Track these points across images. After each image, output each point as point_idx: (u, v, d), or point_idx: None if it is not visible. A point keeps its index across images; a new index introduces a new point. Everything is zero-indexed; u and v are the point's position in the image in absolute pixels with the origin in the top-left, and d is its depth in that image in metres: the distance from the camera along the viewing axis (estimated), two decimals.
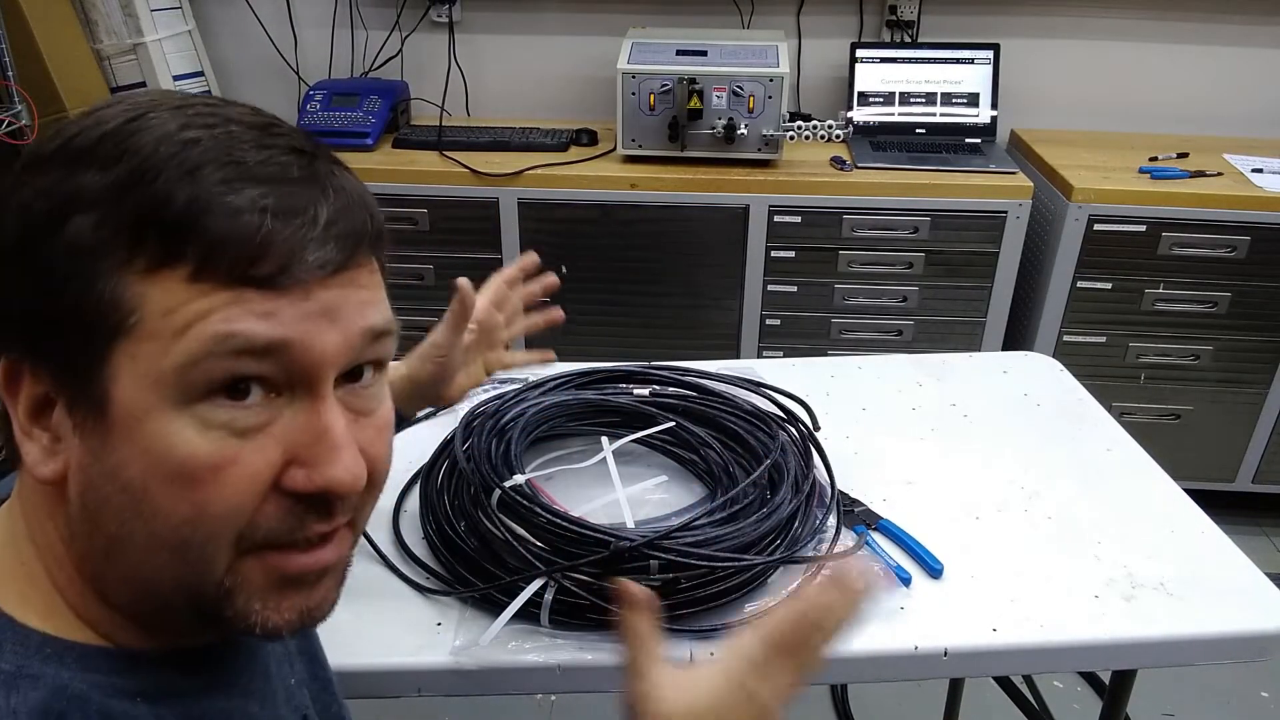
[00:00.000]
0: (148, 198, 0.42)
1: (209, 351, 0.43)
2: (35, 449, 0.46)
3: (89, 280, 0.43)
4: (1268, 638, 0.93)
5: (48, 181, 0.44)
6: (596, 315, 2.35)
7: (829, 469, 1.08)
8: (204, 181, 0.42)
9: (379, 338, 0.49)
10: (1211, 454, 2.39)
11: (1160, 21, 2.48)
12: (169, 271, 0.43)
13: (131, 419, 0.43)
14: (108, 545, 0.46)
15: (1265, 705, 1.98)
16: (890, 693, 1.95)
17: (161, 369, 0.43)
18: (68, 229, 0.43)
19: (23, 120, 1.92)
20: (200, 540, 0.45)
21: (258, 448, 0.45)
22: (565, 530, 0.90)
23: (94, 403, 0.44)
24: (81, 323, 0.43)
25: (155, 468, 0.44)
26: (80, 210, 0.43)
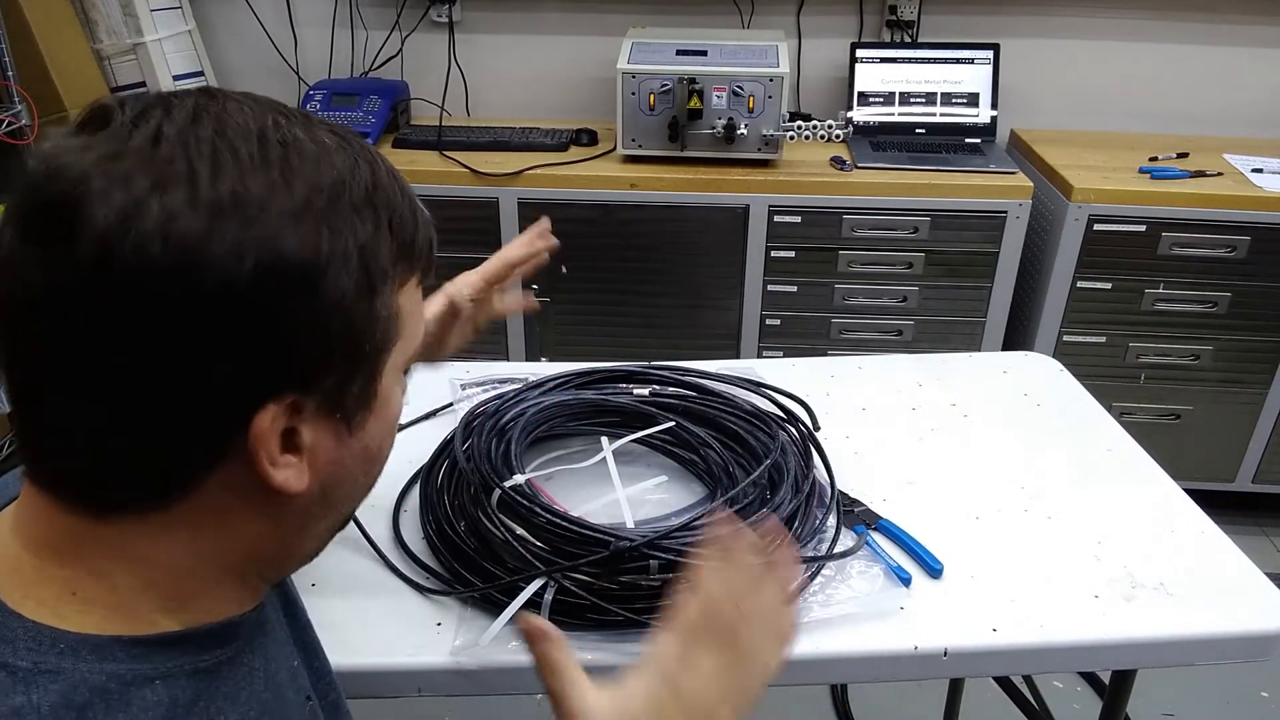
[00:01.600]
0: (396, 228, 0.52)
1: (418, 337, 0.56)
2: (289, 473, 0.50)
3: (376, 309, 0.51)
4: (1268, 638, 0.93)
5: (343, 239, 0.48)
6: (596, 315, 2.35)
7: (829, 469, 1.08)
8: (410, 207, 0.54)
9: None
10: (1211, 454, 2.39)
11: (1160, 21, 2.49)
12: (410, 281, 0.54)
13: (384, 401, 0.54)
14: (322, 513, 0.55)
15: (1265, 705, 1.98)
16: (890, 693, 1.95)
17: (407, 355, 0.55)
18: (372, 268, 0.50)
19: (23, 120, 1.93)
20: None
21: None
22: (565, 530, 0.90)
23: (367, 400, 0.53)
24: (369, 335, 0.51)
25: (388, 429, 0.56)
26: (371, 254, 0.50)
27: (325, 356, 0.48)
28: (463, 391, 1.29)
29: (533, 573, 0.89)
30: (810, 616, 0.92)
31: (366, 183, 0.50)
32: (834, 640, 0.90)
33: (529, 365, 1.37)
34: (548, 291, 2.32)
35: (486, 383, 1.31)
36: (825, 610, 0.93)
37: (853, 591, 0.95)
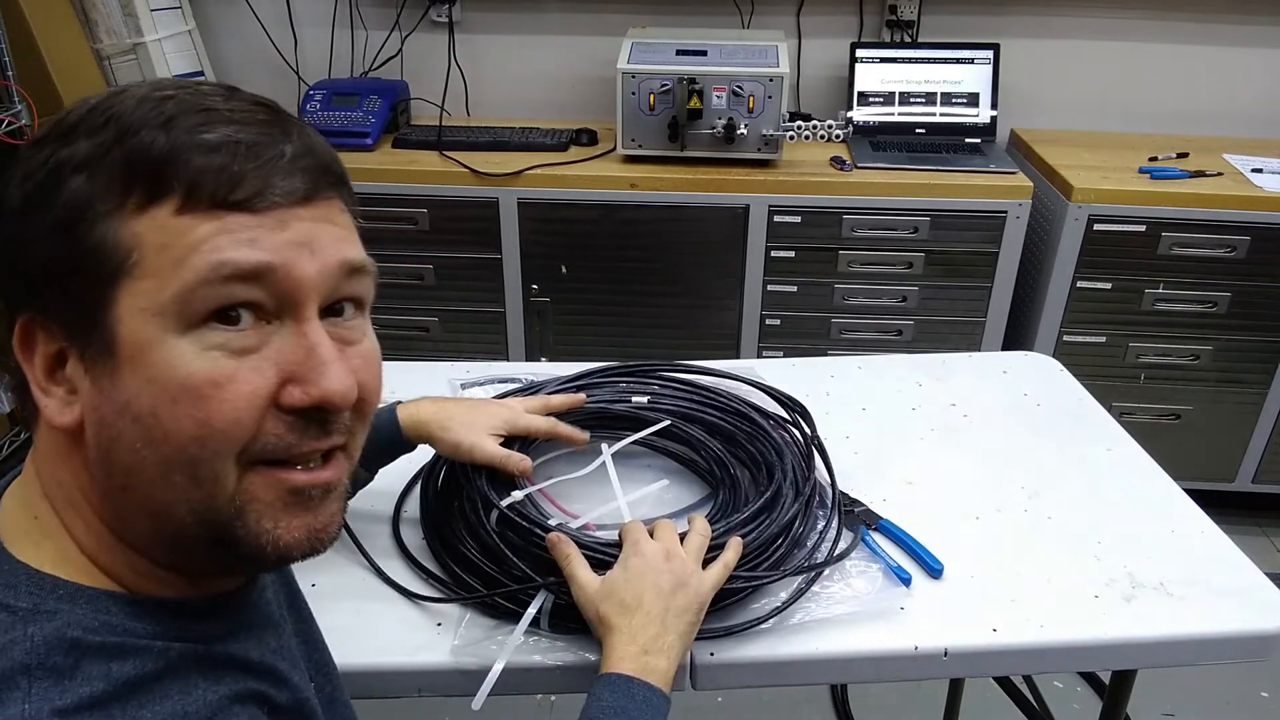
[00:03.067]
0: (133, 147, 0.48)
1: (203, 279, 0.47)
2: (52, 403, 0.50)
3: (88, 229, 0.47)
4: (1268, 638, 0.93)
5: (45, 153, 0.49)
6: (596, 315, 2.35)
7: (830, 471, 1.08)
8: (180, 126, 0.48)
9: (355, 273, 0.53)
10: (1211, 454, 2.39)
11: (1160, 21, 2.48)
12: (158, 208, 0.47)
13: (137, 352, 0.48)
14: (124, 479, 0.50)
15: (1265, 705, 1.97)
16: (890, 693, 1.95)
17: (161, 301, 0.47)
18: (65, 188, 0.48)
19: (23, 120, 1.92)
20: (208, 457, 0.49)
21: (253, 367, 0.49)
22: None
23: (103, 344, 0.48)
24: (86, 269, 0.48)
25: (161, 392, 0.48)
26: (75, 171, 0.48)
27: (38, 276, 0.49)
28: (463, 391, 1.29)
29: (534, 584, 0.89)
30: (810, 616, 0.92)
31: (125, 105, 0.49)
32: (834, 640, 0.90)
33: (529, 365, 1.37)
34: (548, 291, 2.32)
35: (486, 382, 1.31)
36: (825, 610, 0.93)
37: (853, 591, 0.95)
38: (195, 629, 0.54)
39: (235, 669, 0.55)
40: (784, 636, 0.90)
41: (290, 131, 0.51)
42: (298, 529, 0.52)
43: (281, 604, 0.67)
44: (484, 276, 2.28)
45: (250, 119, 0.50)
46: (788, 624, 0.91)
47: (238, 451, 0.49)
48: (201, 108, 0.49)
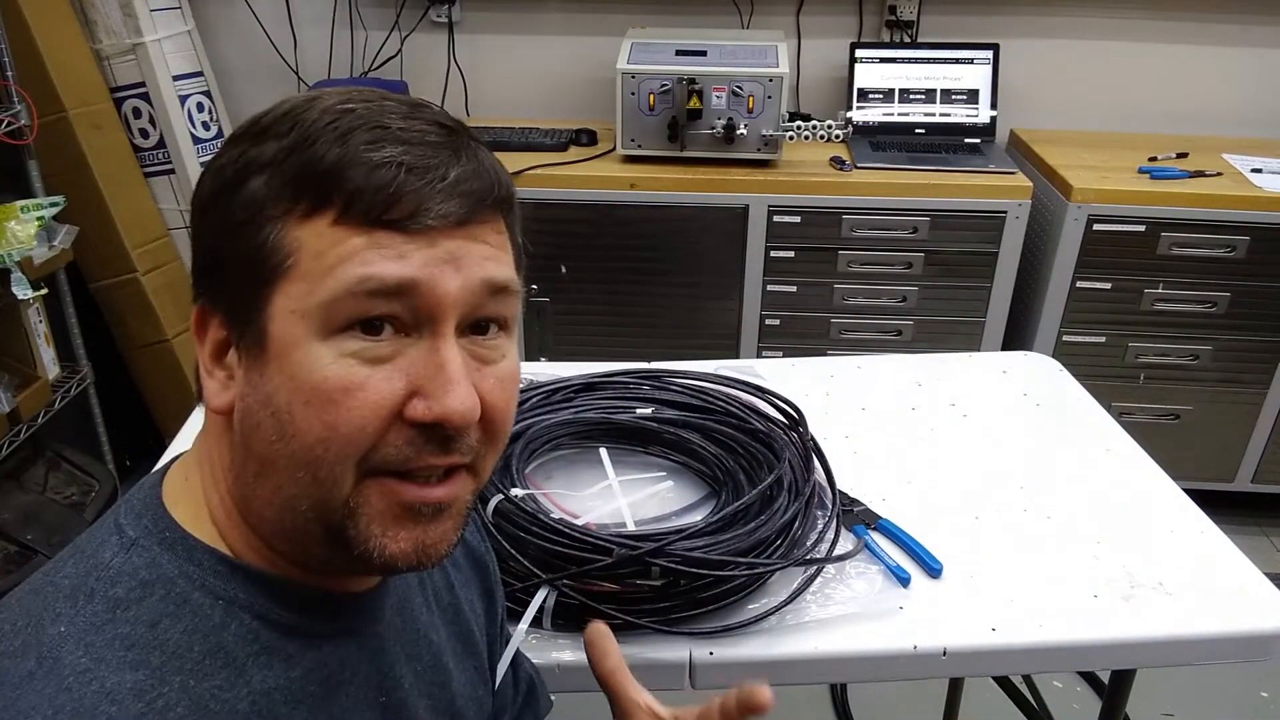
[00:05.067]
0: (307, 157, 0.50)
1: (348, 290, 0.49)
2: (213, 385, 0.54)
3: (258, 227, 0.50)
4: (1268, 638, 0.93)
5: (237, 151, 0.52)
6: (596, 315, 2.35)
7: (828, 471, 1.08)
8: (352, 142, 0.50)
9: (499, 293, 0.54)
10: (1211, 454, 2.39)
11: (1160, 21, 2.49)
12: (319, 218, 0.50)
13: (283, 350, 0.50)
14: (258, 467, 0.53)
15: (1265, 705, 1.97)
16: (890, 693, 1.95)
17: (308, 305, 0.50)
18: (247, 186, 0.51)
19: (22, 120, 1.92)
20: (330, 459, 0.50)
21: (384, 376, 0.50)
22: (566, 539, 0.90)
23: (257, 338, 0.51)
24: (251, 265, 0.51)
25: (297, 391, 0.50)
26: (257, 171, 0.51)
27: (214, 265, 0.53)
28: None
29: (535, 582, 0.89)
30: (810, 616, 0.92)
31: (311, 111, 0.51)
32: (834, 640, 0.90)
33: (529, 365, 1.37)
34: (548, 291, 2.32)
35: None
36: (825, 610, 0.93)
37: (852, 591, 0.95)
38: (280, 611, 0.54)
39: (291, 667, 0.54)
40: (784, 636, 0.90)
41: (460, 154, 0.52)
42: (405, 541, 0.53)
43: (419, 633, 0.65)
44: None
45: (421, 139, 0.51)
46: (787, 624, 0.91)
47: (359, 458, 0.51)
48: (376, 124, 0.51)
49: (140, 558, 0.52)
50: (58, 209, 1.95)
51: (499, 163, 0.56)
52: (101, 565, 0.51)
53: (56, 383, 2.05)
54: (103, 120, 2.19)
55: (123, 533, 0.53)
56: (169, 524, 0.54)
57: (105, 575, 0.51)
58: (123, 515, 0.55)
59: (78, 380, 2.10)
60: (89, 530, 0.55)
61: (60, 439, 2.15)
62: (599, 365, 1.23)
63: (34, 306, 1.97)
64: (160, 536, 0.53)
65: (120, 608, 0.50)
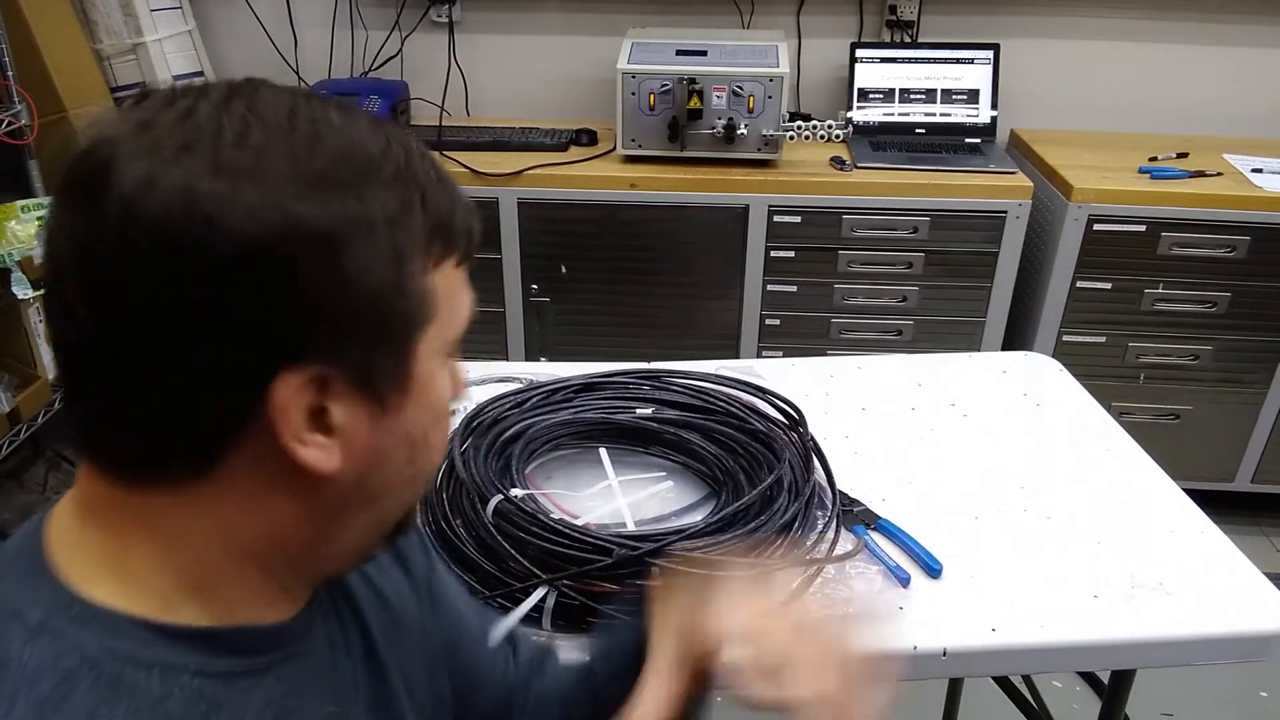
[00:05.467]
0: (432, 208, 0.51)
1: (465, 321, 0.55)
2: (314, 452, 0.49)
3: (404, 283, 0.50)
4: (1268, 638, 0.93)
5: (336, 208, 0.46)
6: (596, 315, 2.35)
7: (828, 471, 1.08)
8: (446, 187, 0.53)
9: None
10: (1211, 454, 2.39)
11: (1160, 21, 2.48)
12: (446, 263, 0.53)
13: (424, 386, 0.53)
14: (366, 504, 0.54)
15: (1265, 705, 1.97)
16: None
17: (445, 341, 0.54)
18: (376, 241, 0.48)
19: (22, 120, 1.92)
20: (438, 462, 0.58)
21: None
22: (566, 539, 0.90)
23: (401, 383, 0.52)
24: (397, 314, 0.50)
25: (434, 415, 0.55)
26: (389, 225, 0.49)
27: (348, 328, 0.48)
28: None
29: (534, 582, 0.89)
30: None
31: (399, 160, 0.50)
32: None
33: (529, 365, 1.37)
34: (548, 291, 2.32)
35: (486, 382, 1.31)
36: (824, 610, 0.93)
37: (852, 592, 0.95)
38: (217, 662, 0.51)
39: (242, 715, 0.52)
40: None
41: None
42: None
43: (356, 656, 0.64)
44: (484, 276, 2.28)
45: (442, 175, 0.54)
46: None
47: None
48: (436, 168, 0.53)
49: (55, 644, 0.46)
50: None
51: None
52: (12, 663, 0.45)
53: (57, 382, 2.05)
54: None
55: (21, 618, 0.47)
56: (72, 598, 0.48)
57: (22, 675, 0.44)
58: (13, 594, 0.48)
59: None
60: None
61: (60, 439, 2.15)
62: (599, 365, 1.23)
63: (34, 306, 1.97)
64: (69, 614, 0.47)
65: (49, 708, 0.44)
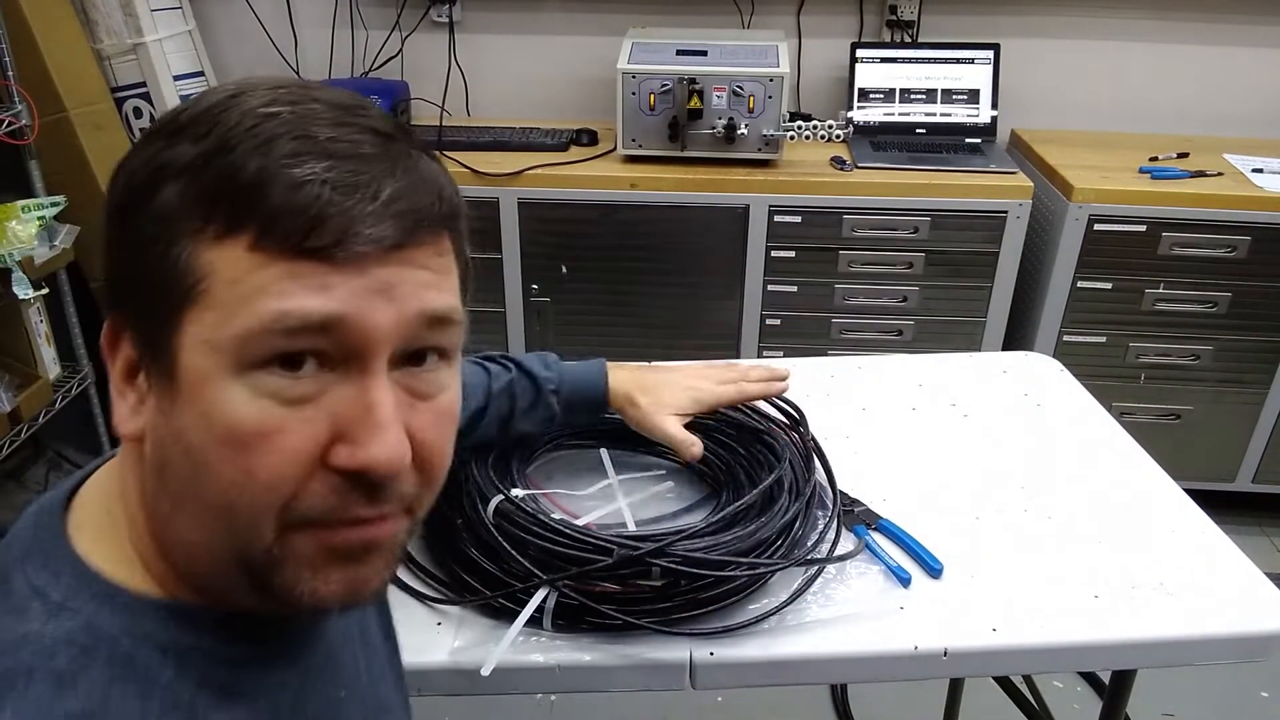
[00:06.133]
0: (224, 167, 0.44)
1: (265, 327, 0.44)
2: (124, 407, 0.49)
3: (169, 244, 0.45)
4: (1268, 638, 0.93)
5: (151, 150, 0.47)
6: (596, 315, 2.35)
7: (829, 471, 1.08)
8: (273, 154, 0.44)
9: (439, 323, 0.49)
10: (1211, 454, 2.39)
11: (1160, 21, 2.49)
12: (233, 240, 0.44)
13: (195, 384, 0.45)
14: (171, 505, 0.49)
15: (1265, 705, 1.97)
16: (890, 693, 1.95)
17: (221, 337, 0.44)
18: (160, 194, 0.45)
19: (23, 120, 1.92)
20: (246, 506, 0.46)
21: (305, 419, 0.46)
22: (567, 539, 0.90)
23: (166, 366, 0.46)
24: (160, 286, 0.45)
25: (209, 431, 0.45)
26: (171, 178, 0.45)
27: (125, 278, 0.48)
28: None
29: (535, 583, 0.89)
30: (810, 616, 0.92)
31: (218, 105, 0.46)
32: (834, 640, 0.90)
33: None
34: (548, 291, 2.32)
35: None
36: (825, 611, 0.93)
37: (852, 592, 0.95)
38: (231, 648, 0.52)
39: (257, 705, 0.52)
40: (784, 636, 0.90)
41: (396, 167, 0.47)
42: (336, 582, 0.49)
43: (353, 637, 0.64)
44: (484, 276, 2.28)
45: (352, 151, 0.45)
46: (788, 624, 0.91)
47: (279, 508, 0.46)
48: (302, 133, 0.45)
49: (73, 621, 0.47)
50: (59, 209, 1.95)
51: (444, 172, 0.50)
52: (31, 637, 0.46)
53: (57, 383, 2.06)
54: (103, 120, 2.19)
55: (43, 596, 0.48)
56: (93, 577, 0.49)
57: (40, 649, 0.45)
58: (33, 573, 0.49)
59: (78, 380, 2.10)
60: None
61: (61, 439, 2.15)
62: None
63: (35, 306, 1.97)
64: (89, 592, 0.48)
65: (66, 683, 0.45)
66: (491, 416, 0.99)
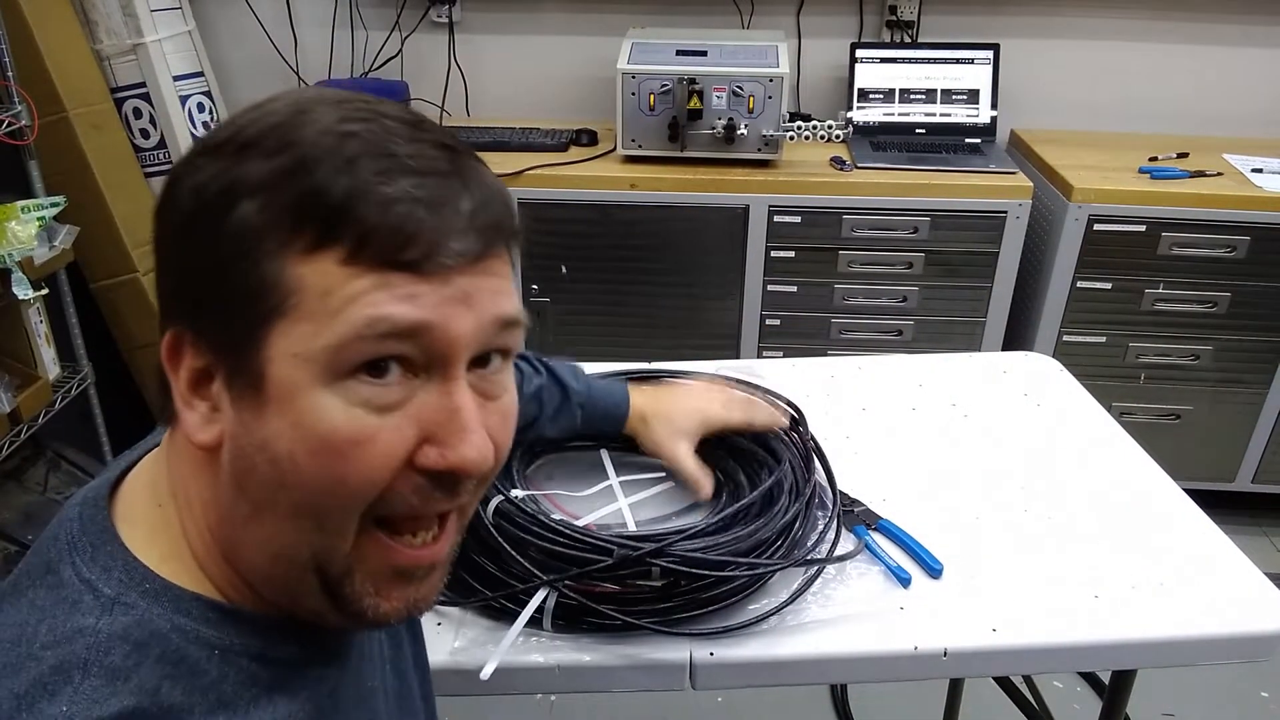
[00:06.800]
0: (310, 186, 0.45)
1: (359, 334, 0.46)
2: (194, 417, 0.50)
3: (254, 261, 0.46)
4: (1268, 638, 0.93)
5: (219, 166, 0.47)
6: (596, 315, 2.35)
7: (829, 472, 1.08)
8: (360, 172, 0.46)
9: (509, 326, 0.51)
10: (1211, 454, 2.39)
11: (1160, 21, 2.49)
12: (325, 254, 0.46)
13: (285, 395, 0.47)
14: (252, 511, 0.50)
15: (1265, 705, 1.98)
16: (890, 693, 1.95)
17: (313, 349, 0.46)
18: (236, 211, 0.46)
19: (23, 120, 1.92)
20: (338, 510, 0.48)
21: (395, 426, 0.48)
22: (567, 539, 0.90)
23: (251, 378, 0.47)
24: (245, 301, 0.46)
25: (302, 441, 0.47)
26: (247, 195, 0.46)
27: (200, 292, 0.48)
28: None
29: (535, 583, 0.89)
30: (810, 617, 0.92)
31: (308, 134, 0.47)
32: (834, 640, 0.90)
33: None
34: (548, 291, 2.32)
35: None
36: (825, 611, 0.93)
37: (852, 592, 0.95)
38: (278, 648, 0.53)
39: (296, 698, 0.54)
40: (784, 636, 0.90)
41: (470, 182, 0.49)
42: (398, 599, 0.52)
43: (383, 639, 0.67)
44: None
45: (431, 168, 0.47)
46: (787, 624, 0.91)
47: (365, 508, 0.49)
48: (384, 151, 0.47)
49: (127, 617, 0.48)
50: (58, 209, 1.95)
51: (504, 187, 0.53)
52: (86, 631, 0.47)
53: (57, 383, 2.05)
54: (103, 120, 2.19)
55: (95, 590, 0.49)
56: (145, 573, 0.51)
57: (96, 643, 0.47)
58: (85, 566, 0.50)
59: (78, 380, 2.10)
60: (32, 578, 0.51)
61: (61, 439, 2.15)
62: (599, 365, 1.23)
63: (34, 306, 1.97)
64: (141, 589, 0.50)
65: (120, 678, 0.46)
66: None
